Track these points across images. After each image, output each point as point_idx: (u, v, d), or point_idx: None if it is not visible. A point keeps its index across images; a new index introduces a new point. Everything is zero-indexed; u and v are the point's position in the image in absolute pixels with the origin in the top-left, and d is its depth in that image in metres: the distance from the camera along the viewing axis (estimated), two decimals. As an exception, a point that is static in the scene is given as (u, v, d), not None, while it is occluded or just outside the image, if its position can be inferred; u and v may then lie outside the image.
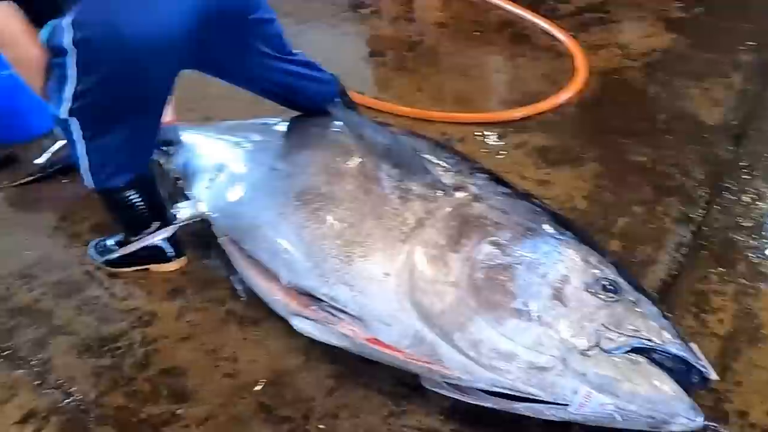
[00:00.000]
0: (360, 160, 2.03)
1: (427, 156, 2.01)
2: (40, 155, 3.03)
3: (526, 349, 1.63)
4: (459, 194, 1.89)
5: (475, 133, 2.95)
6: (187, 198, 2.45)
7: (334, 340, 1.91)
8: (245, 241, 2.15)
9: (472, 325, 1.68)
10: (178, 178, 2.63)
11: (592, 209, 2.52)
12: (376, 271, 1.82)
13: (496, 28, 3.73)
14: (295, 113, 2.47)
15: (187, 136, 2.73)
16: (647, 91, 3.17)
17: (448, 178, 1.94)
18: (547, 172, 2.71)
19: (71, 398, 2.03)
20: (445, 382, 1.77)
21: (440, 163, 2.00)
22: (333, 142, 2.15)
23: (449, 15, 3.89)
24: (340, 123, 2.18)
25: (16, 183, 2.93)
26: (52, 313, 2.32)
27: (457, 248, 1.77)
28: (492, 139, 2.92)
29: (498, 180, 1.99)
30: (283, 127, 2.42)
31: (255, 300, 2.24)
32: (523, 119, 3.02)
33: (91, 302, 2.34)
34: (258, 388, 1.98)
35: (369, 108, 3.06)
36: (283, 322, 2.13)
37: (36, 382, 2.08)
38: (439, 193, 1.89)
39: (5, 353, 2.20)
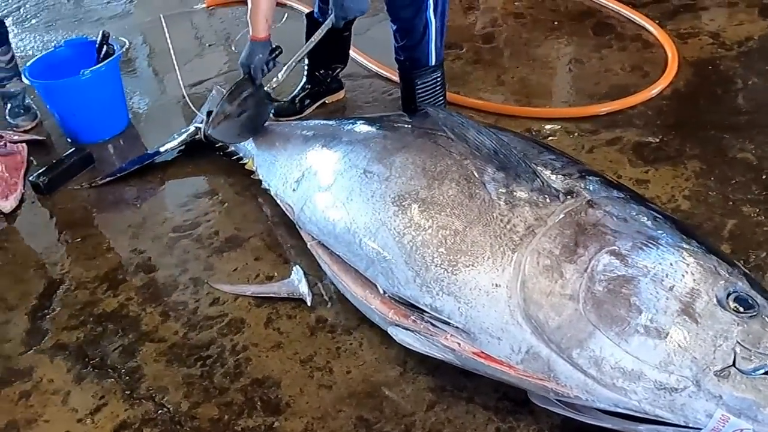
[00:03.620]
0: (462, 162, 1.92)
1: (533, 158, 1.90)
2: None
3: (654, 368, 1.52)
4: (571, 199, 1.77)
5: (564, 130, 2.81)
6: None
7: (435, 353, 1.82)
8: (338, 246, 2.07)
9: (592, 342, 1.57)
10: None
11: (697, 210, 2.37)
12: (485, 281, 1.72)
13: (576, 18, 3.57)
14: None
15: (267, 132, 2.67)
16: (746, 82, 2.98)
17: (557, 182, 1.82)
18: (645, 170, 2.56)
19: (163, 409, 1.98)
20: (559, 400, 1.67)
21: (547, 165, 1.88)
22: (432, 144, 2.04)
23: (526, 5, 3.74)
24: (439, 123, 2.07)
25: (95, 183, 2.91)
26: (139, 319, 2.28)
27: (574, 258, 1.65)
28: (582, 135, 2.78)
29: (611, 183, 1.86)
30: (373, 126, 2.33)
31: (345, 307, 2.17)
32: (613, 114, 2.87)
33: (178, 308, 2.30)
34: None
35: (449, 103, 2.95)
36: (378, 330, 2.05)
37: (126, 392, 2.05)
38: (550, 198, 1.78)
39: (94, 361, 2.17)
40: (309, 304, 2.21)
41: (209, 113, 2.70)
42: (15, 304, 2.41)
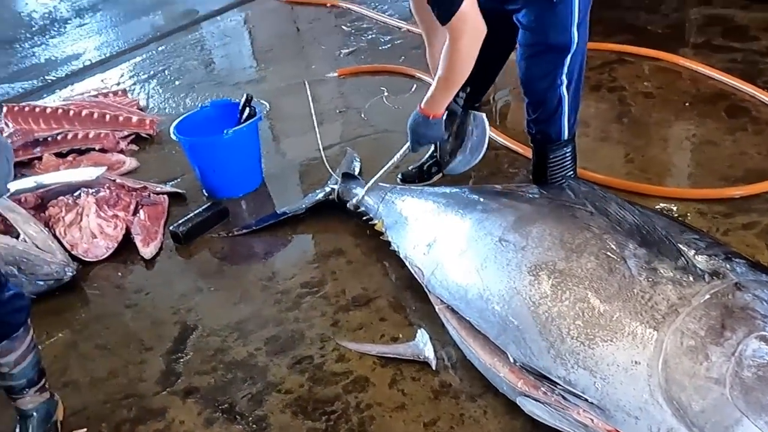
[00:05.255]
0: (602, 236, 1.92)
1: (675, 236, 1.87)
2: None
3: (807, 461, 1.45)
4: (717, 281, 1.73)
5: (697, 211, 2.76)
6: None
7: (566, 427, 1.79)
8: (469, 311, 2.09)
9: (739, 429, 1.52)
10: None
11: (844, 302, 2.25)
12: (623, 357, 1.69)
13: (708, 100, 3.52)
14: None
15: (398, 196, 2.74)
16: None
17: (702, 263, 1.79)
18: (785, 258, 2.47)
19: (291, 461, 2.02)
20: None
21: (690, 245, 1.85)
22: (570, 216, 2.05)
23: (656, 85, 3.72)
24: (579, 196, 2.08)
25: (231, 233, 3.05)
26: (267, 369, 2.35)
27: (720, 341, 1.61)
28: (715, 218, 2.72)
29: (759, 266, 1.82)
30: (507, 196, 2.37)
31: (470, 373, 2.17)
32: (749, 197, 2.79)
33: (305, 361, 2.36)
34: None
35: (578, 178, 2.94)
36: (503, 399, 2.04)
37: (253, 440, 2.10)
38: (694, 278, 1.75)
39: (223, 406, 2.24)
40: (433, 367, 2.22)
41: (345, 174, 2.81)
42: (151, 346, 2.54)
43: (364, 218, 2.86)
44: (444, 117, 2.63)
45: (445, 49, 2.42)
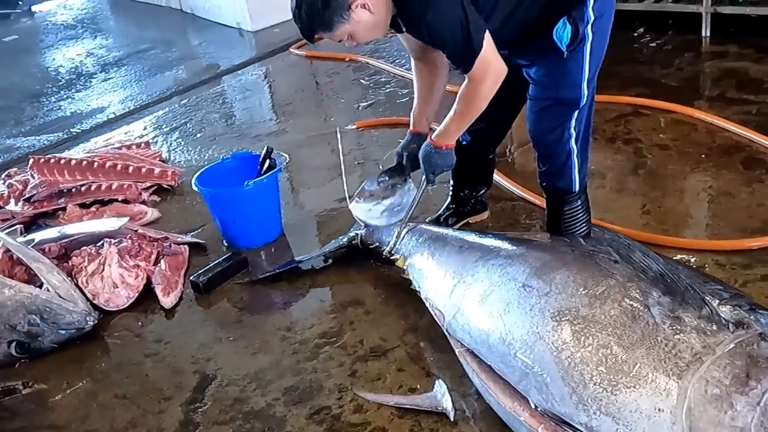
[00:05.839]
0: (626, 284, 1.93)
1: (699, 286, 1.88)
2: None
3: None
4: (741, 331, 1.73)
5: (715, 262, 2.76)
6: None
7: (586, 475, 1.78)
8: (490, 356, 2.10)
9: (763, 480, 1.50)
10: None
11: None
12: (647, 404, 1.69)
13: (724, 152, 3.55)
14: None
15: (420, 235, 2.76)
16: None
17: (726, 312, 1.79)
18: (805, 309, 2.46)
19: None
20: None
21: (715, 295, 1.86)
22: (593, 263, 2.07)
23: (671, 137, 3.76)
24: (603, 243, 2.10)
25: (255, 278, 3.11)
26: (285, 420, 2.36)
27: (745, 390, 1.61)
28: (734, 269, 2.72)
29: (783, 319, 1.81)
30: (531, 243, 2.39)
31: (488, 424, 2.17)
32: (766, 248, 2.79)
33: (323, 412, 2.36)
34: None
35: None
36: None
37: (271, 492, 2.09)
38: (718, 327, 1.75)
39: (242, 457, 2.24)
40: (452, 419, 2.21)
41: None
42: (170, 395, 2.55)
43: (384, 253, 2.87)
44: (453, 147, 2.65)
45: (465, 88, 2.45)
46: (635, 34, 5.08)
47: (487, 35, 2.31)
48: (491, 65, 2.36)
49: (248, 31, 6.60)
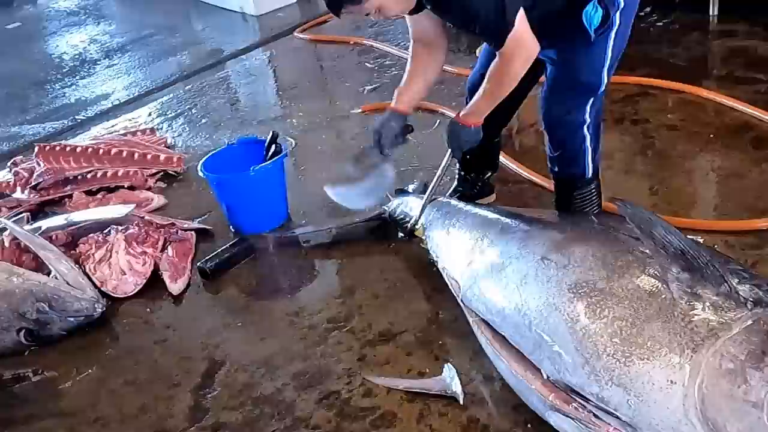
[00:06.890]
0: (645, 259, 1.93)
1: (719, 265, 1.86)
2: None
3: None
4: (759, 309, 1.72)
5: (725, 243, 2.74)
6: None
7: (595, 444, 1.78)
8: (504, 326, 2.11)
9: (775, 454, 1.49)
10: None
11: None
12: (659, 376, 1.69)
13: (733, 131, 3.51)
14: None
15: (441, 207, 2.78)
16: None
17: (745, 291, 1.78)
18: (816, 289, 2.44)
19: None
20: None
21: (734, 273, 1.85)
22: (613, 238, 2.08)
23: (680, 117, 3.72)
24: (626, 218, 2.08)
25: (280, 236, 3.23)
26: (295, 404, 2.36)
27: (760, 366, 1.60)
28: (744, 249, 2.70)
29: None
30: (551, 217, 2.40)
31: (498, 408, 2.17)
32: (778, 229, 2.78)
33: (332, 396, 2.36)
34: None
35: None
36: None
37: (281, 477, 2.10)
38: (736, 304, 1.74)
39: (252, 442, 2.25)
40: (461, 402, 2.21)
41: (398, 190, 2.96)
42: (179, 381, 2.56)
43: (402, 223, 2.89)
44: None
45: (495, 66, 2.41)
46: (642, 14, 5.01)
47: (521, 12, 2.25)
48: (524, 42, 2.30)
49: (252, 16, 6.55)
